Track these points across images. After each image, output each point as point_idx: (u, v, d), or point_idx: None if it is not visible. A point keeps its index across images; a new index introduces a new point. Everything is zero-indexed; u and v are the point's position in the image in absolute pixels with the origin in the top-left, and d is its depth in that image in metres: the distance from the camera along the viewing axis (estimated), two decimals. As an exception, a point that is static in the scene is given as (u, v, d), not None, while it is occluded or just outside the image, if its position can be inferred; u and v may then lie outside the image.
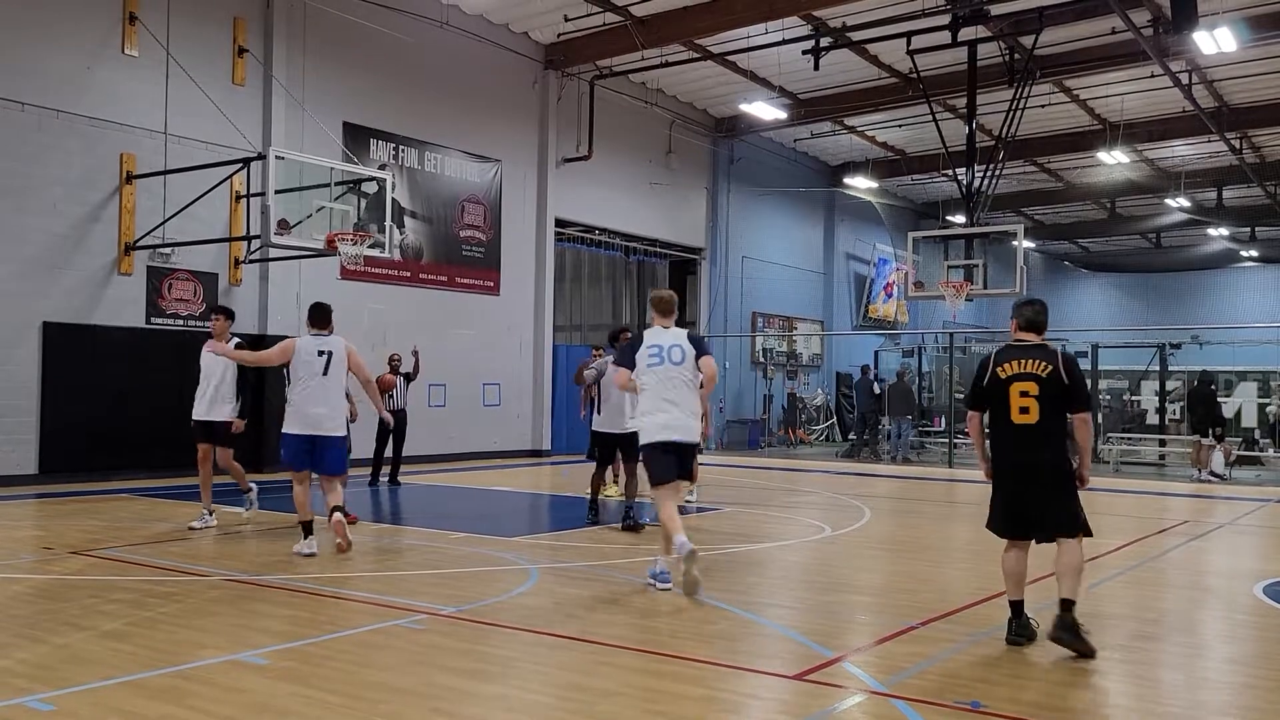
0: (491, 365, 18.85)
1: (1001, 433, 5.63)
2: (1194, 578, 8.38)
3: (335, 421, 8.25)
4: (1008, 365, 5.59)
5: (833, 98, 22.19)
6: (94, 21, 13.54)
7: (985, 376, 5.66)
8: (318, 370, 8.16)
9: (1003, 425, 5.61)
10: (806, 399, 27.41)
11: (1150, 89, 20.98)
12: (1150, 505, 13.58)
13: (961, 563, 8.76)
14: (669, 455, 7.00)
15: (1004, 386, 5.57)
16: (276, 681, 4.67)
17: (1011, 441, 5.59)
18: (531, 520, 11.14)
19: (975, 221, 18.77)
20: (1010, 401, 5.54)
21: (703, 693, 4.67)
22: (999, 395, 5.59)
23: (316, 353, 8.20)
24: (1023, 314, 5.78)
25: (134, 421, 13.46)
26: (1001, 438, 5.64)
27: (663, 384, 6.99)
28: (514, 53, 19.05)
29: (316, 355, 8.19)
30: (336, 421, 8.26)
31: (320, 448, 8.17)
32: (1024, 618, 5.59)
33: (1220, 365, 27.39)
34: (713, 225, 24.54)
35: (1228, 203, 29.14)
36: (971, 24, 17.13)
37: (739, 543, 9.36)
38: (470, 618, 5.97)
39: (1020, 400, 5.52)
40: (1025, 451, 5.54)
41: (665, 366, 6.99)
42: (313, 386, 8.15)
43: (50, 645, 5.19)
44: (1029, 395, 5.49)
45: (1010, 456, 5.60)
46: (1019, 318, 5.79)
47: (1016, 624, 5.58)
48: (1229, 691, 5.03)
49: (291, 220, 12.83)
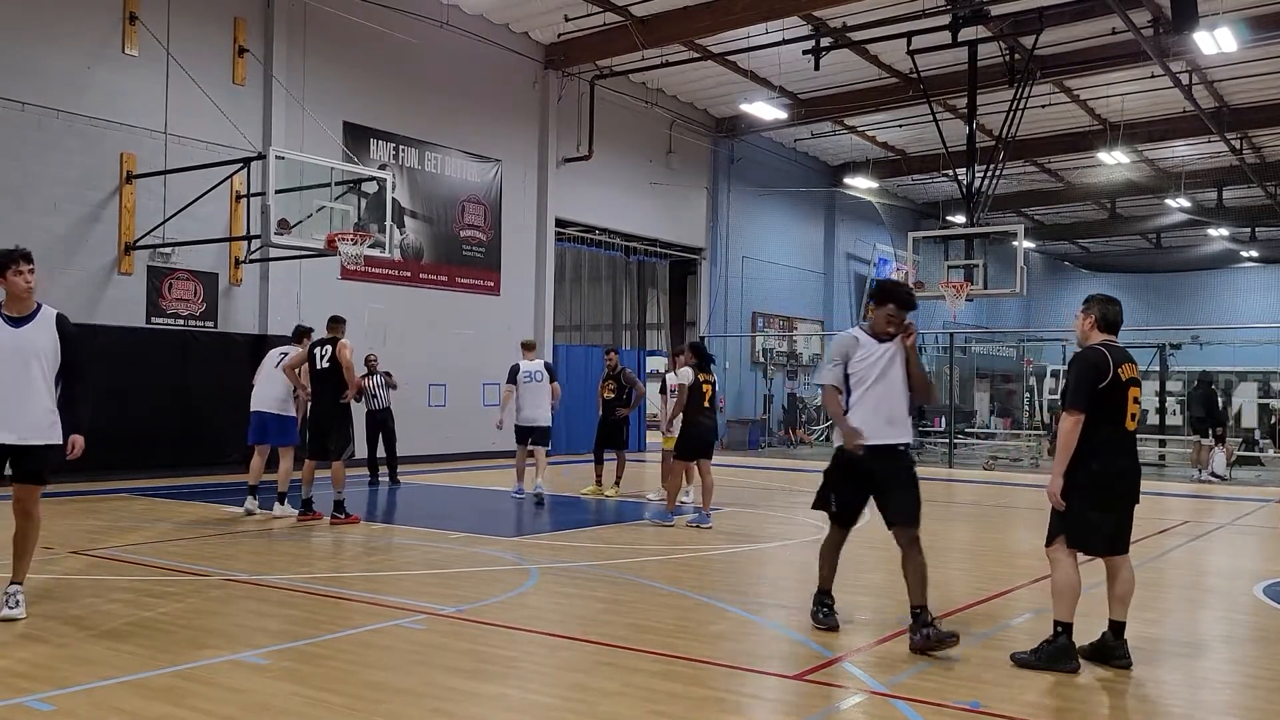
0: (491, 365, 18.78)
1: (1115, 438, 5.18)
2: (1194, 578, 8.39)
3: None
4: (1126, 367, 5.23)
5: (833, 98, 22.19)
6: (94, 21, 13.54)
7: (1108, 377, 5.15)
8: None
9: (1117, 430, 5.18)
10: (806, 399, 27.43)
11: (1150, 89, 20.97)
12: (1150, 506, 13.56)
13: (961, 563, 8.76)
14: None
15: (1124, 389, 5.19)
16: (276, 681, 4.67)
17: (1125, 448, 5.24)
18: (531, 520, 11.14)
19: (975, 222, 18.77)
20: (1127, 406, 5.21)
21: (703, 693, 4.67)
22: (1116, 398, 5.17)
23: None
24: (1110, 311, 5.41)
25: (134, 421, 13.45)
26: (1113, 444, 5.18)
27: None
28: (514, 53, 19.05)
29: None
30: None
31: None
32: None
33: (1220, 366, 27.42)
34: (713, 225, 24.53)
35: (1228, 203, 29.13)
36: (972, 24, 17.14)
37: (739, 543, 9.36)
38: (470, 618, 5.96)
39: (1133, 406, 5.24)
40: (1134, 458, 5.32)
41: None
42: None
43: (50, 645, 5.19)
44: (1138, 401, 5.26)
45: (1120, 463, 5.21)
46: (1108, 315, 5.40)
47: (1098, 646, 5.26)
48: (1229, 691, 5.03)
49: (292, 220, 12.84)
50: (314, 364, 9.92)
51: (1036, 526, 11.36)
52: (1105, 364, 5.18)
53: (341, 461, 9.90)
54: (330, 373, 9.81)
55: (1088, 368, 5.19)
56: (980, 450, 22.72)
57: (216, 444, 14.11)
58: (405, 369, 14.73)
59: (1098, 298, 5.52)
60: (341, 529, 9.59)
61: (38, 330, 5.74)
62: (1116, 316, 5.41)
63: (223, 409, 13.62)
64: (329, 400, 9.84)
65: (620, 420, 12.86)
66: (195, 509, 10.87)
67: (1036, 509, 13.53)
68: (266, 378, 10.47)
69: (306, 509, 10.05)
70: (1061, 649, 5.06)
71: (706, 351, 10.81)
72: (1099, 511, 5.15)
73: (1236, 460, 18.70)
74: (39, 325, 5.76)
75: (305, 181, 13.30)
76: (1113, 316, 5.40)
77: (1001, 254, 21.90)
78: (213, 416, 14.04)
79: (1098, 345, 5.30)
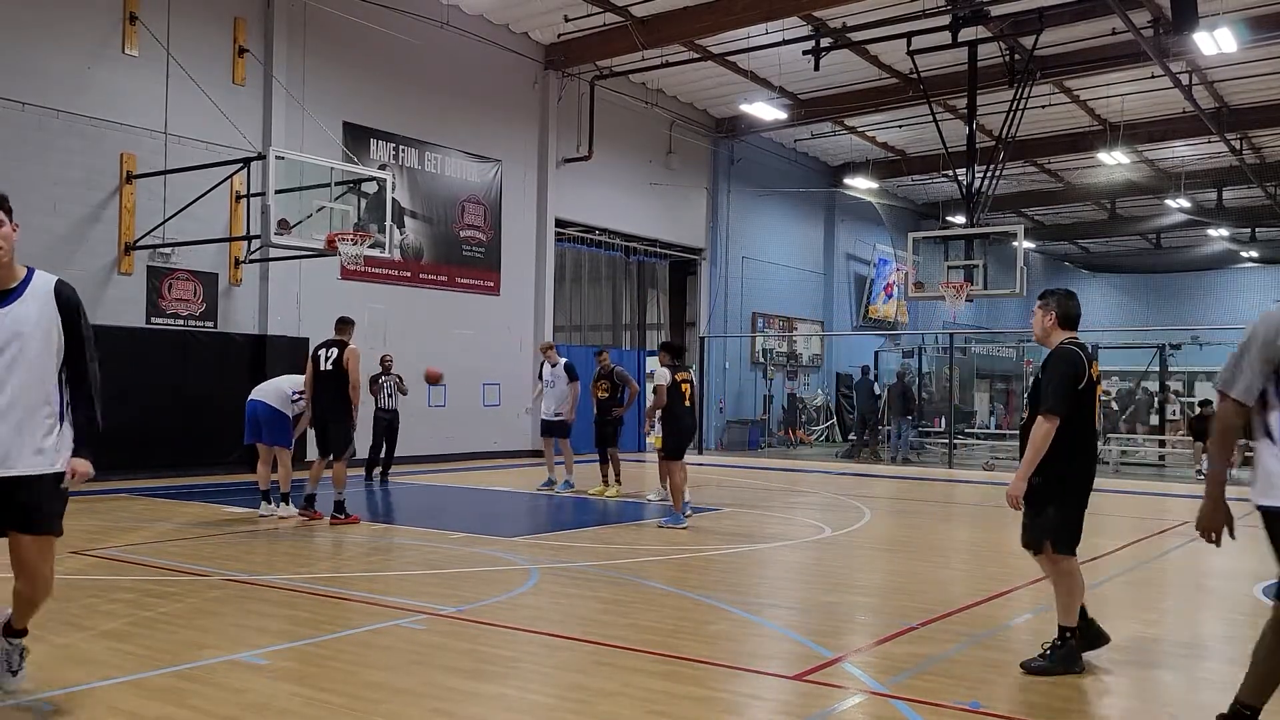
0: (491, 365, 18.85)
1: (1084, 439, 5.09)
2: (1194, 578, 8.39)
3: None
4: (1094, 365, 5.13)
5: (833, 98, 22.19)
6: (94, 21, 13.54)
7: (1084, 377, 5.03)
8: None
9: (1087, 431, 5.10)
10: (806, 399, 27.43)
11: (1150, 89, 20.98)
12: (1150, 506, 13.58)
13: (961, 563, 8.76)
14: None
15: (1093, 389, 5.09)
16: (276, 681, 4.67)
17: (1094, 447, 5.19)
18: (531, 520, 11.15)
19: (975, 222, 18.77)
20: (1096, 405, 5.15)
21: (703, 693, 4.67)
22: (1088, 398, 5.07)
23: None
24: (1071, 306, 5.25)
25: (134, 421, 13.43)
26: (1083, 444, 5.10)
27: None
28: (514, 53, 19.05)
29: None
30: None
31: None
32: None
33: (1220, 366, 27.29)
34: (713, 225, 24.54)
35: (1228, 203, 29.14)
36: (972, 24, 17.15)
37: (739, 543, 9.36)
38: (470, 618, 5.96)
39: (1098, 405, 5.20)
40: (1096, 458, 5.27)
41: None
42: None
43: (50, 645, 5.19)
44: (1101, 400, 5.26)
45: (1092, 462, 5.17)
46: (1069, 310, 5.24)
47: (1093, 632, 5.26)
48: (1229, 692, 5.01)
49: (291, 220, 12.84)
50: (318, 365, 9.92)
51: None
52: (1082, 364, 5.04)
53: (343, 461, 9.91)
54: (333, 375, 9.82)
55: (1067, 368, 5.02)
56: (980, 451, 22.72)
57: (216, 444, 14.10)
58: (405, 369, 14.73)
59: (1058, 293, 5.32)
60: (341, 529, 9.60)
61: (30, 308, 4.07)
62: (1077, 311, 5.27)
63: (222, 409, 13.60)
64: (328, 400, 9.84)
65: (615, 420, 12.94)
66: (195, 509, 10.87)
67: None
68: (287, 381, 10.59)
69: (309, 505, 10.08)
70: (1071, 652, 5.05)
71: (682, 349, 10.98)
72: (1080, 511, 5.13)
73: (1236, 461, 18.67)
74: (31, 301, 4.08)
75: (305, 181, 13.30)
76: (1074, 312, 5.25)
77: (1001, 254, 21.90)
78: (213, 417, 14.03)
79: (1070, 345, 5.13)
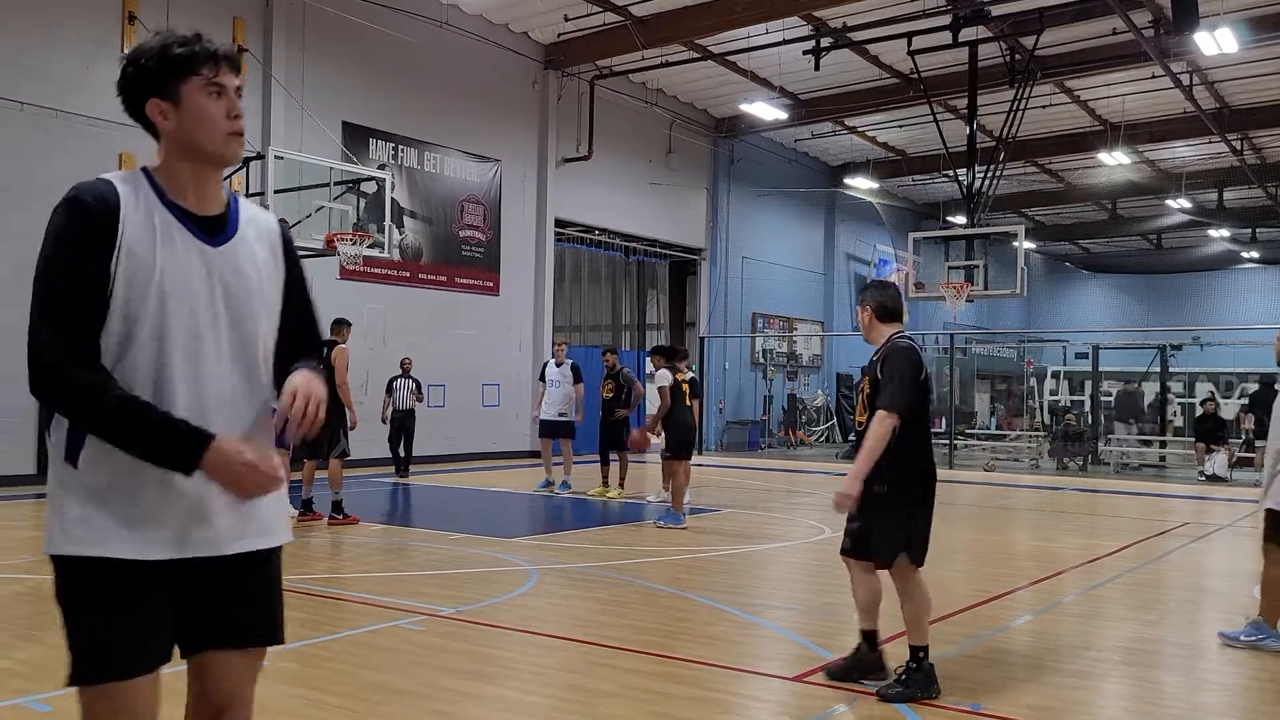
0: (491, 365, 18.84)
1: (922, 440, 4.73)
2: (1194, 579, 8.39)
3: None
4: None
5: (833, 98, 22.17)
6: (94, 21, 13.53)
7: (923, 372, 4.70)
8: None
9: (924, 431, 4.77)
10: (807, 400, 27.41)
11: (1151, 90, 20.96)
12: (1150, 507, 13.58)
13: (961, 563, 8.75)
14: None
15: (927, 385, 4.77)
16: (276, 682, 4.65)
17: (931, 449, 4.80)
18: (531, 521, 11.14)
19: (976, 222, 18.76)
20: (929, 403, 4.83)
21: (702, 694, 4.66)
22: (925, 395, 4.74)
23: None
24: (888, 297, 4.88)
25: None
26: (922, 446, 4.72)
27: None
28: (514, 53, 19.05)
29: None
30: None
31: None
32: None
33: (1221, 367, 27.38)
34: (713, 225, 24.53)
35: (1229, 204, 29.13)
36: (972, 24, 17.13)
37: (739, 544, 9.35)
38: (470, 619, 5.96)
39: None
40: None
41: None
42: None
43: (50, 645, 5.17)
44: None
45: (932, 465, 4.73)
46: (886, 303, 4.85)
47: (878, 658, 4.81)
48: (1229, 693, 5.02)
49: (291, 220, 12.83)
50: None
51: (1037, 528, 11.39)
52: (917, 357, 4.70)
53: (339, 461, 9.90)
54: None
55: (909, 364, 4.63)
56: (980, 451, 22.70)
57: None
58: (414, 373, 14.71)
59: (872, 285, 5.04)
60: (340, 530, 9.59)
61: (251, 247, 2.32)
62: (894, 304, 4.86)
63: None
64: None
65: (620, 421, 12.88)
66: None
67: (1037, 510, 13.54)
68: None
69: (306, 509, 10.05)
70: (929, 674, 4.58)
71: (675, 351, 11.05)
72: (930, 519, 4.69)
73: (1236, 461, 18.68)
74: (247, 237, 2.32)
75: (304, 181, 13.30)
76: (890, 304, 4.84)
77: (1002, 255, 21.89)
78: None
79: (906, 340, 4.78)
